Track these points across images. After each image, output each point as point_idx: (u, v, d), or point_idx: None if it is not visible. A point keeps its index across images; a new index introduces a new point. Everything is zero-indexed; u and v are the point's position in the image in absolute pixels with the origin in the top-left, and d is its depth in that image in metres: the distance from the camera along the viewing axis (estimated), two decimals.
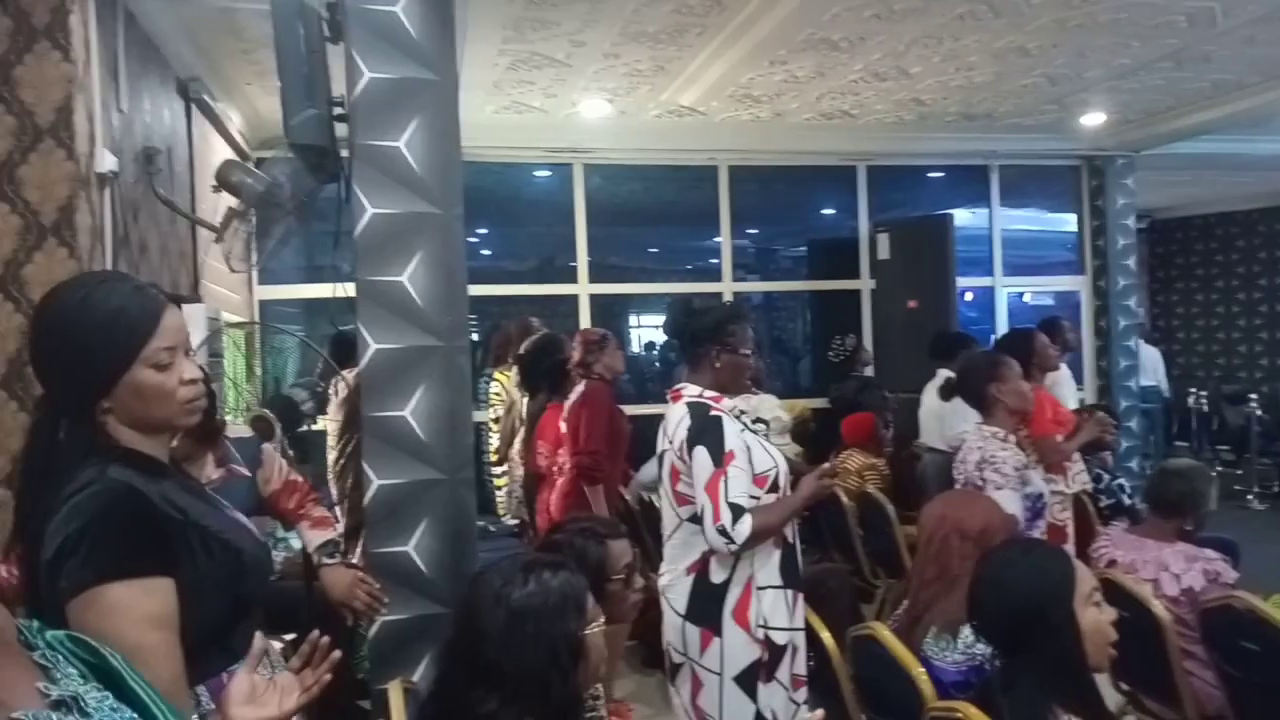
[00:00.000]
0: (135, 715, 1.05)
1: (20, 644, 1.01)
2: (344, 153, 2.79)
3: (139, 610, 1.34)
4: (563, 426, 4.35)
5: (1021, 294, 8.99)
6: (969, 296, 8.75)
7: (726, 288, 7.51)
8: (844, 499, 4.96)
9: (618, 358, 4.47)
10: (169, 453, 1.55)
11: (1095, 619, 1.93)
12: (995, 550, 2.13)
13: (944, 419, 5.37)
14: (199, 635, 1.43)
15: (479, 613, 1.67)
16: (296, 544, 3.69)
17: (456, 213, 2.70)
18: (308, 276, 6.74)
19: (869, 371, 6.91)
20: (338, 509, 3.88)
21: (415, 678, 2.54)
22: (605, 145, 6.97)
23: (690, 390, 2.83)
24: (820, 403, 6.77)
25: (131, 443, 1.46)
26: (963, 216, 8.08)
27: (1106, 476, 5.11)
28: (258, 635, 1.42)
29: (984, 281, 8.23)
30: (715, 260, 7.74)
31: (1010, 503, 3.18)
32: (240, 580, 1.51)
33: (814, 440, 6.11)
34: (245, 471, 2.61)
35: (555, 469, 4.42)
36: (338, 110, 2.79)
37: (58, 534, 1.35)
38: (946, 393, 4.10)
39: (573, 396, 4.35)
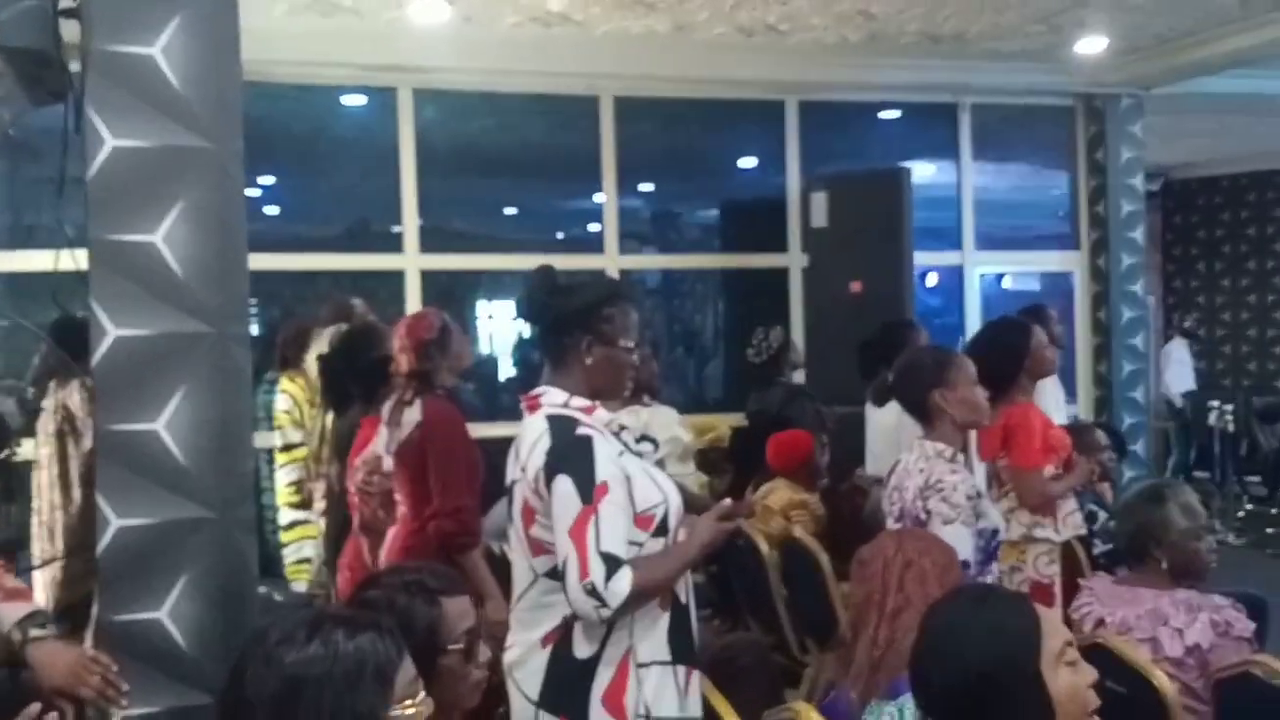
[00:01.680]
0: None
1: None
2: (74, 64, 2.75)
3: None
4: (387, 462, 4.31)
5: (1000, 276, 9.33)
6: (931, 279, 9.05)
7: (611, 263, 7.60)
8: (763, 547, 5.08)
9: (466, 348, 4.44)
10: None
11: (1069, 683, 2.03)
12: (937, 605, 2.23)
13: (899, 439, 5.56)
14: None
15: (246, 679, 1.69)
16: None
17: (234, 149, 2.69)
18: (14, 240, 6.54)
19: (799, 377, 7.08)
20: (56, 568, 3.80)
21: None
22: (444, 64, 6.98)
23: (552, 398, 2.88)
24: (735, 418, 6.91)
25: None
26: (924, 172, 8.34)
27: (1103, 515, 5.37)
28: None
29: (950, 259, 8.55)
30: (596, 226, 7.83)
31: (961, 541, 3.35)
32: None
33: (726, 468, 6.23)
34: None
35: (373, 512, 4.40)
36: (65, 3, 2.74)
37: None
38: (880, 395, 4.27)
39: (405, 424, 4.27)
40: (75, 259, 2.78)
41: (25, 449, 4.48)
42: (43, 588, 4.17)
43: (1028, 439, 4.38)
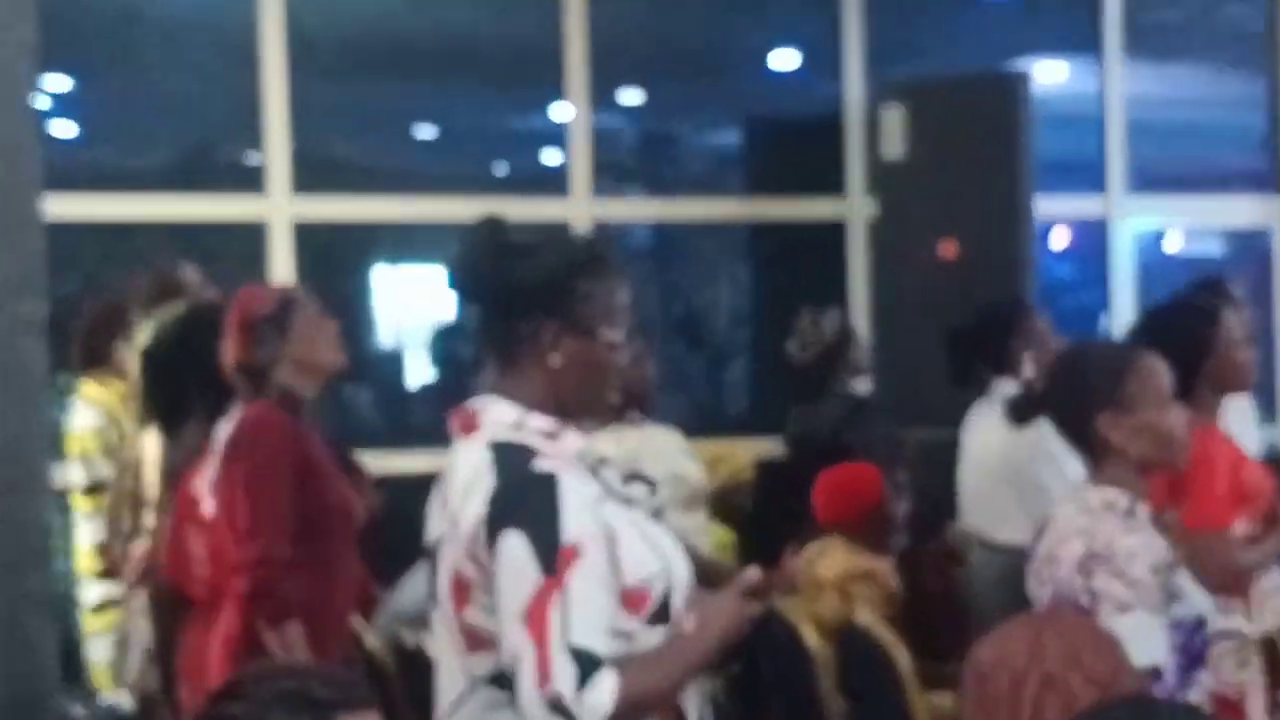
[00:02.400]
0: None
1: None
2: None
3: None
4: (207, 505, 4.40)
5: (1161, 234, 9.37)
6: (1059, 238, 9.09)
7: (579, 209, 7.63)
8: (810, 638, 5.12)
9: (321, 335, 4.49)
10: None
11: None
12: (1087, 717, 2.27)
13: (1015, 478, 5.59)
14: None
15: None
16: None
17: (20, 39, 2.72)
18: None
19: (863, 386, 7.12)
20: None
21: None
22: None
23: (498, 414, 2.90)
24: (767, 445, 6.95)
25: None
26: (1051, 77, 8.38)
27: None
28: None
29: (1089, 207, 8.60)
30: (556, 157, 7.88)
31: (1148, 637, 3.34)
32: None
33: (755, 519, 6.27)
34: None
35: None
36: None
37: None
38: (1019, 412, 4.24)
39: (221, 435, 4.41)
40: None
41: None
42: None
43: (1208, 481, 4.38)
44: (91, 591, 5.59)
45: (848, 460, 5.82)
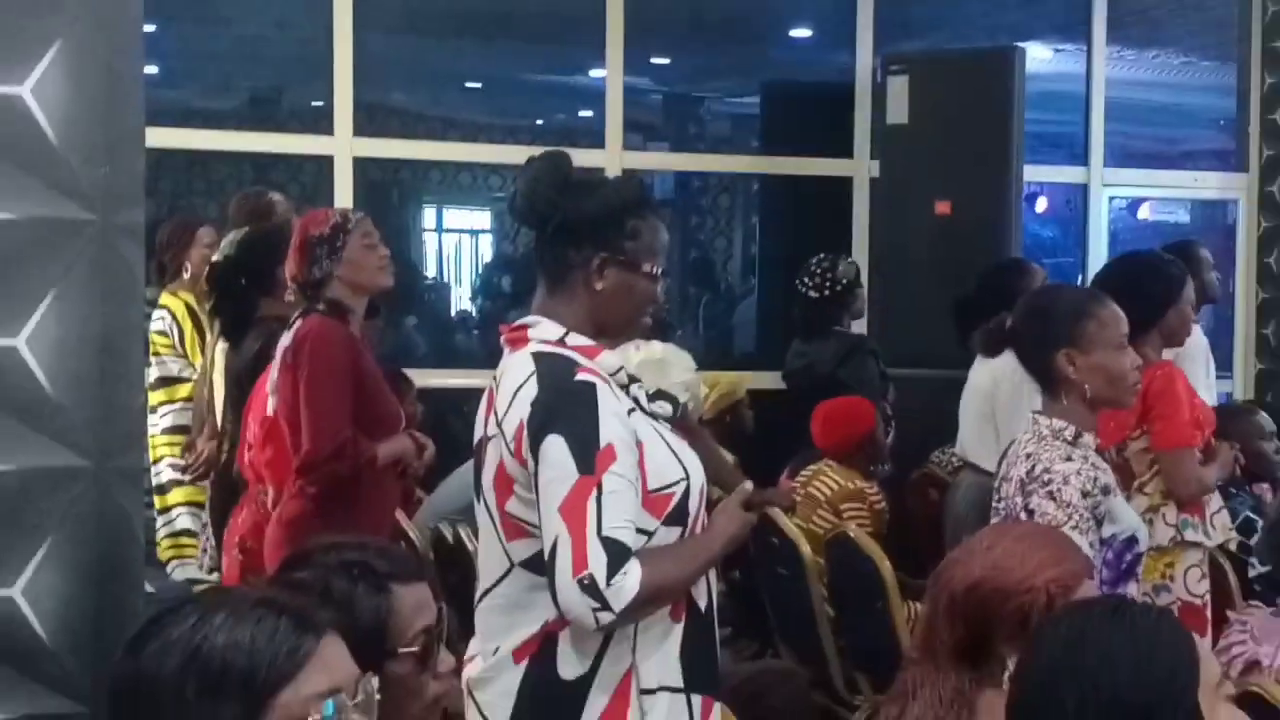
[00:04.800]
0: None
1: None
2: None
3: None
4: (271, 404, 4.43)
5: (1136, 202, 9.37)
6: (1042, 204, 9.09)
7: (612, 160, 7.62)
8: (804, 550, 5.16)
9: (371, 257, 4.49)
10: None
11: None
12: (1058, 618, 2.30)
13: (1006, 408, 5.61)
14: None
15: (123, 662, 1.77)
16: None
17: None
18: None
19: (859, 328, 7.13)
20: None
21: None
22: None
23: (543, 331, 2.93)
24: (770, 379, 6.97)
25: None
26: (1039, 57, 8.35)
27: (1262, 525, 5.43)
28: None
29: (1071, 175, 8.58)
30: (592, 112, 7.85)
31: None
32: None
33: (756, 443, 6.30)
34: None
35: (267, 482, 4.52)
36: None
37: None
38: (991, 343, 4.25)
39: (280, 347, 4.43)
40: None
41: None
42: None
43: (1175, 409, 4.41)
44: (162, 474, 5.64)
45: (842, 393, 5.85)
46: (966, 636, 2.73)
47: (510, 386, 2.88)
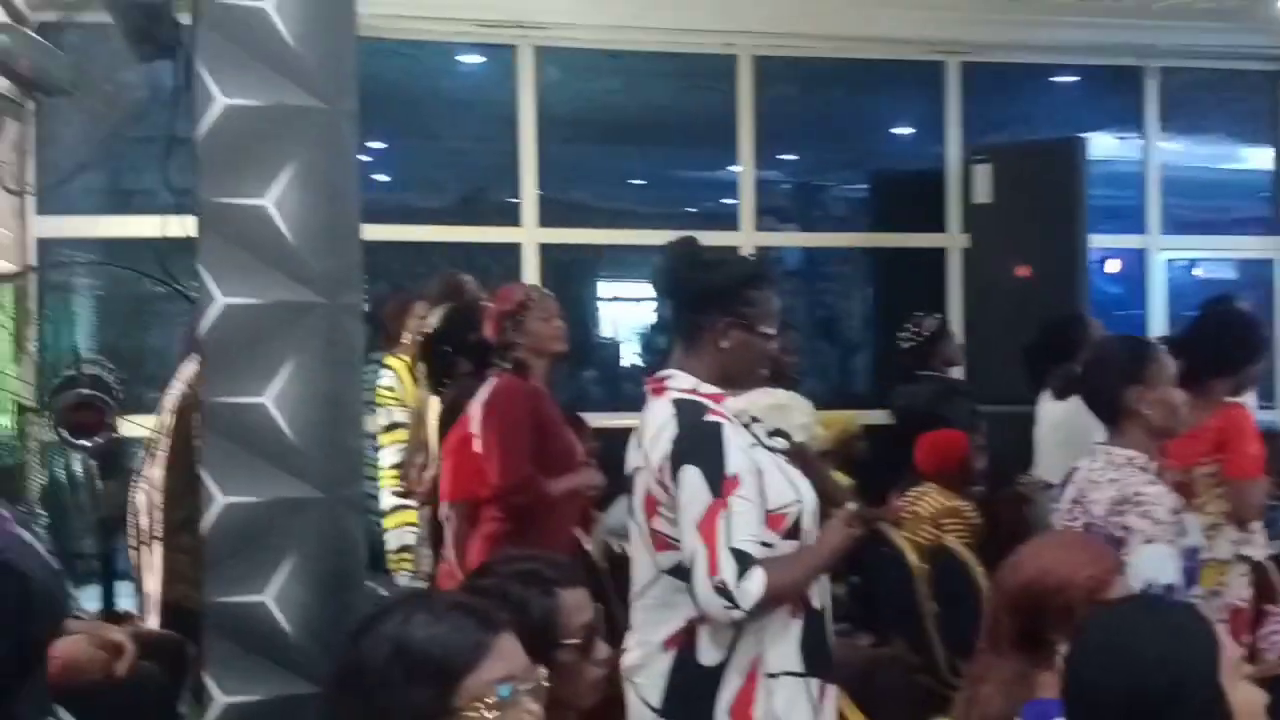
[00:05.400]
0: None
1: None
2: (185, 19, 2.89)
3: None
4: (476, 444, 4.49)
5: (1190, 264, 9.18)
6: (1112, 266, 8.93)
7: (746, 239, 7.64)
8: (911, 557, 5.13)
9: (548, 327, 4.55)
10: None
11: (1248, 698, 2.08)
12: (1101, 611, 2.28)
13: (1074, 437, 5.53)
14: None
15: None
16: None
17: (347, 108, 2.82)
18: (116, 205, 6.81)
19: (955, 374, 7.07)
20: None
21: None
22: (567, 19, 7.10)
23: (680, 381, 2.96)
24: (880, 415, 6.93)
25: None
26: (1104, 145, 8.23)
27: None
28: None
29: (1131, 242, 8.42)
30: (731, 200, 7.88)
31: (1165, 563, 3.30)
32: (25, 617, 1.65)
33: (869, 470, 6.27)
34: None
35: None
36: None
37: None
38: (1063, 388, 4.21)
39: (477, 399, 4.50)
40: (183, 224, 2.93)
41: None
42: (147, 570, 4.44)
43: (1243, 442, 4.30)
44: (386, 501, 5.74)
45: (941, 427, 5.80)
46: (1023, 628, 2.72)
47: (654, 427, 2.92)
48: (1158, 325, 8.00)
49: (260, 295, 2.72)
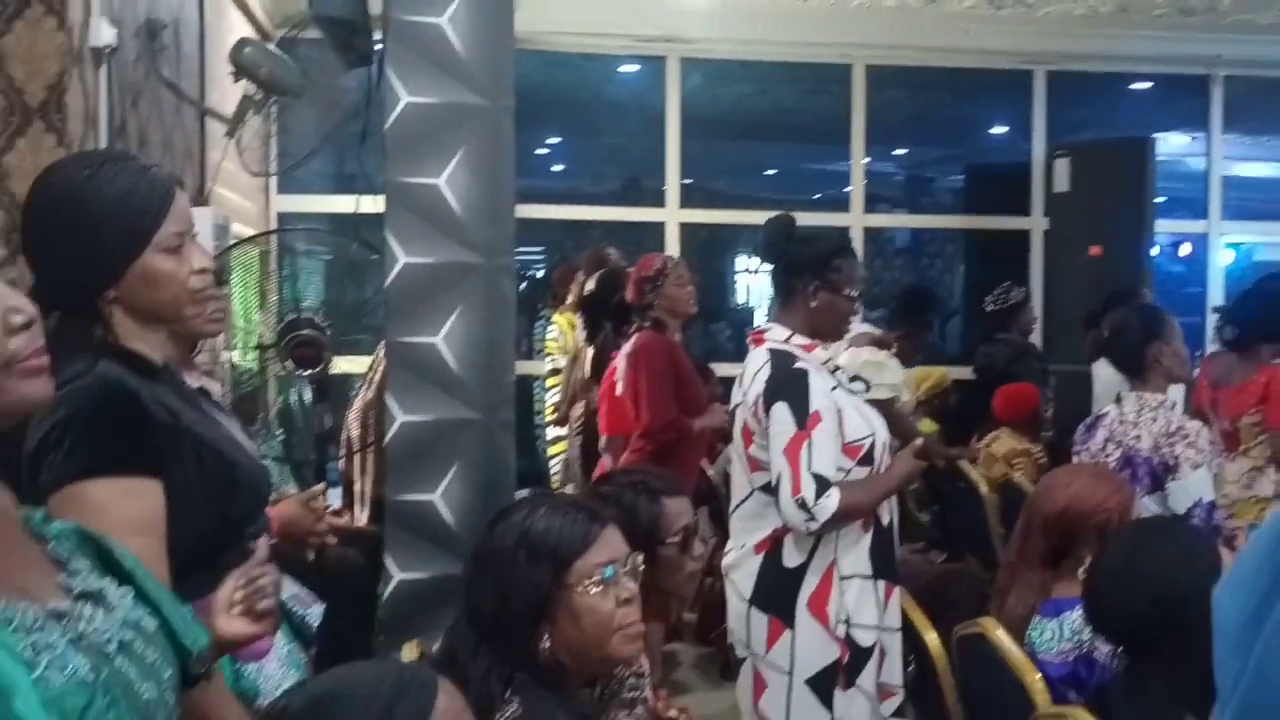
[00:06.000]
0: (151, 613, 1.28)
1: (31, 537, 1.24)
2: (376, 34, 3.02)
3: (122, 512, 1.58)
4: (619, 388, 4.58)
5: (1251, 251, 8.89)
6: (1185, 250, 8.70)
7: (856, 221, 7.59)
8: (983, 489, 5.09)
9: (682, 292, 4.57)
10: (165, 355, 1.81)
11: None
12: (1123, 530, 2.30)
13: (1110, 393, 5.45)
14: (182, 555, 1.66)
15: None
16: (289, 488, 4.03)
17: (505, 106, 2.92)
18: (336, 186, 7.07)
19: (1031, 337, 6.97)
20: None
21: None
22: (709, 35, 7.11)
23: (775, 334, 3.01)
24: (966, 373, 6.86)
25: (129, 338, 1.73)
26: (1174, 144, 8.01)
27: None
28: (262, 541, 1.67)
29: (1195, 227, 8.17)
30: (849, 189, 7.85)
31: (1207, 485, 3.31)
32: (232, 497, 1.76)
33: (955, 415, 6.23)
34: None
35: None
36: None
37: (41, 425, 1.60)
38: (1092, 352, 4.19)
39: (622, 352, 4.56)
40: (376, 204, 3.06)
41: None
42: (356, 475, 4.65)
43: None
44: (550, 433, 5.86)
45: (1016, 381, 5.74)
46: (1055, 545, 2.73)
47: (752, 371, 2.98)
48: (1216, 300, 7.77)
49: (433, 256, 2.84)
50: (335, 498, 4.24)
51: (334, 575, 3.39)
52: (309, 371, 4.62)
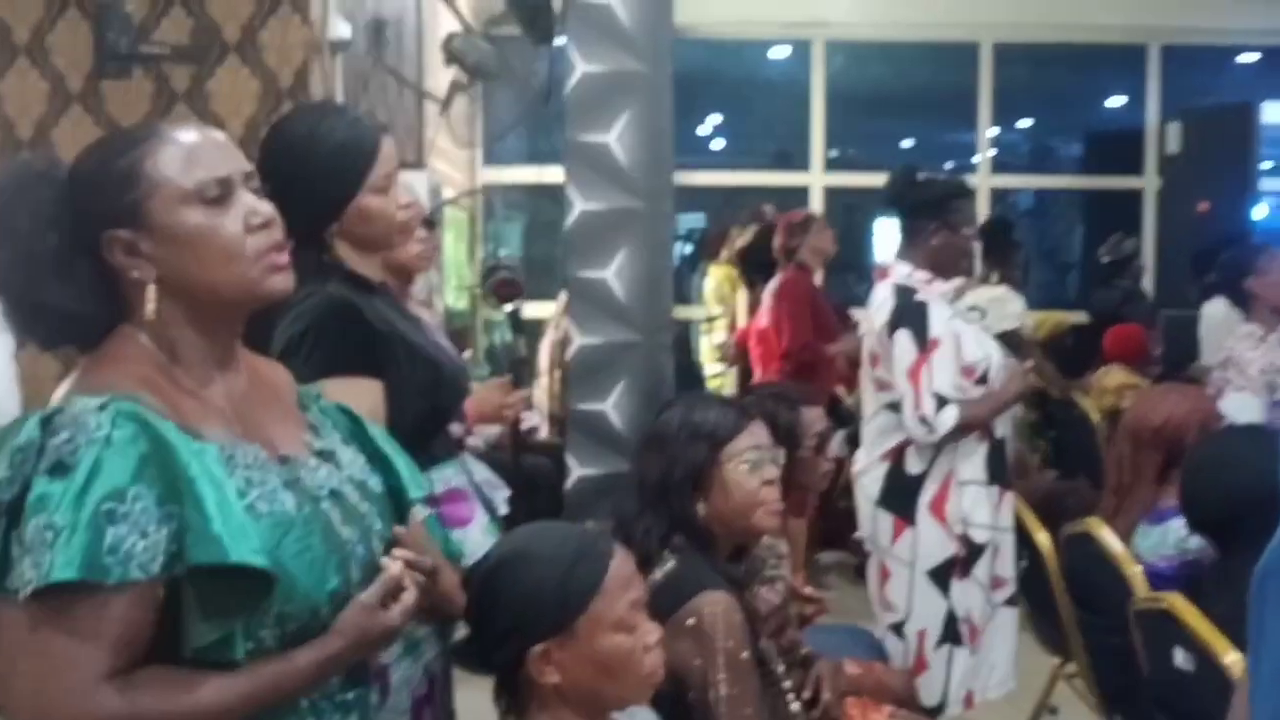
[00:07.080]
0: (381, 479, 1.37)
1: (297, 405, 1.36)
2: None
3: (351, 405, 1.69)
4: (763, 321, 4.58)
5: None
6: (1261, 210, 8.20)
7: (984, 182, 7.35)
8: (1094, 416, 4.91)
9: (826, 238, 4.57)
10: (381, 277, 1.91)
11: None
12: (1209, 436, 2.21)
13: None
14: (399, 439, 1.77)
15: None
16: None
17: (665, 73, 2.92)
18: (532, 159, 7.20)
19: (1142, 284, 6.69)
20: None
21: None
22: (850, 19, 6.96)
23: (900, 270, 2.96)
24: (1081, 317, 6.63)
25: (351, 262, 1.82)
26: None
27: None
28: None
29: None
30: (979, 158, 7.60)
31: (1247, 407, 3.16)
32: (438, 390, 1.85)
33: (1072, 353, 6.04)
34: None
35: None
36: None
37: (283, 335, 1.70)
38: (1202, 294, 4.02)
39: (767, 289, 4.57)
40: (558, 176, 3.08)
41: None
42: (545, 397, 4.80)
43: None
44: (709, 370, 5.89)
45: (1126, 323, 5.53)
46: (1163, 459, 2.63)
47: (878, 302, 2.94)
48: None
49: (605, 203, 2.86)
50: (532, 419, 4.35)
51: (529, 476, 3.53)
52: (509, 307, 4.77)
